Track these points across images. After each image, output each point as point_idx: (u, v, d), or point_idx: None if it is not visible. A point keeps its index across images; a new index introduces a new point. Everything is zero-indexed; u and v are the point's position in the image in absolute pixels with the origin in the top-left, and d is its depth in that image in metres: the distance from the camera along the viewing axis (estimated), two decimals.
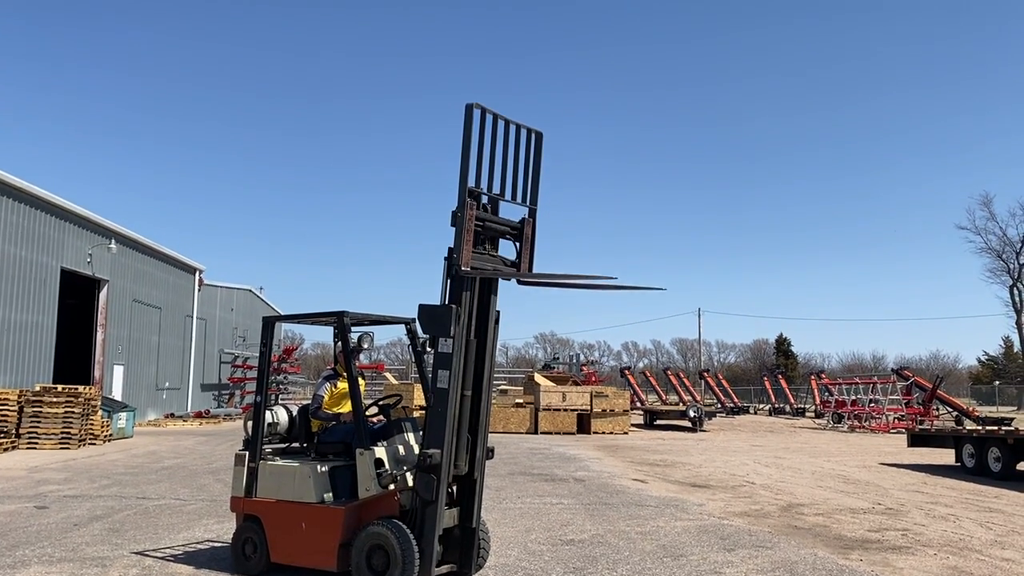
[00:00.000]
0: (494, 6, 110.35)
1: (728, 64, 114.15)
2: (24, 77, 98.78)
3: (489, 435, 6.43)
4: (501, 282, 6.31)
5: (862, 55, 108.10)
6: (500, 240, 6.38)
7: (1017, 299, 60.16)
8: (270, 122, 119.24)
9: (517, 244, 6.39)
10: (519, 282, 6.36)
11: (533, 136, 6.28)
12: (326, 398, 7.12)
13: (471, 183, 5.82)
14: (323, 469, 6.54)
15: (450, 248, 5.90)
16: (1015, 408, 51.69)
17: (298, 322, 8.22)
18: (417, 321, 6.11)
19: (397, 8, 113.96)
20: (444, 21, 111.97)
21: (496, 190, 6.06)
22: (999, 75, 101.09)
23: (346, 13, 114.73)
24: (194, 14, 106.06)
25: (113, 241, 26.66)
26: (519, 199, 6.26)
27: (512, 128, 6.10)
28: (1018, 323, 60.28)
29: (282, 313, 46.86)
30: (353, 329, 6.84)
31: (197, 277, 36.63)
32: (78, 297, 27.80)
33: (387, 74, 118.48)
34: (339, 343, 6.90)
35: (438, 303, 5.92)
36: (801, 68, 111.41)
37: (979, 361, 75.31)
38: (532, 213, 6.37)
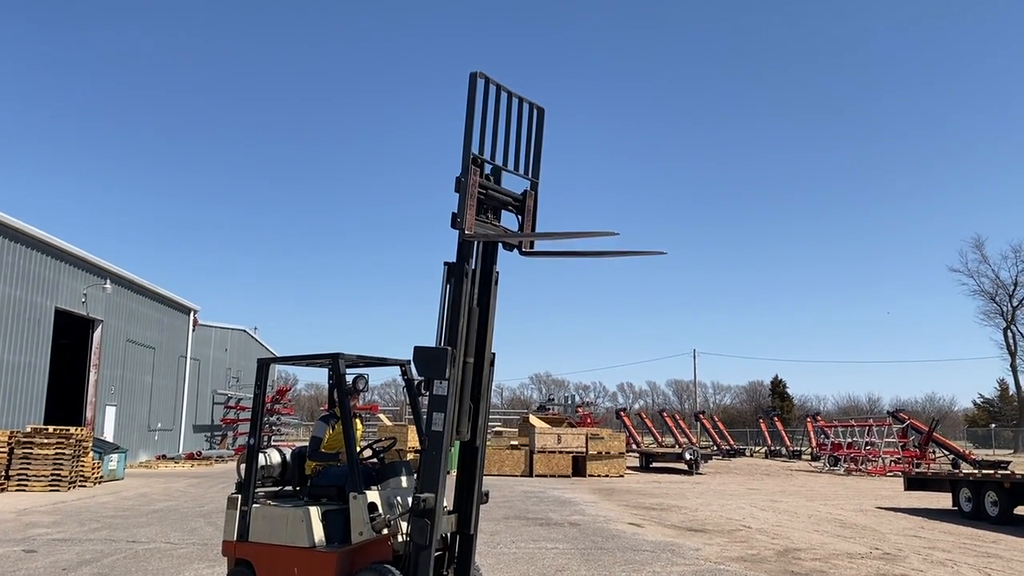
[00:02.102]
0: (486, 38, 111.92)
1: (722, 102, 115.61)
2: (18, 119, 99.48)
3: (484, 478, 6.40)
4: (500, 286, 6.36)
5: (854, 99, 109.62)
6: (503, 212, 6.44)
7: (1011, 342, 60.29)
8: (264, 164, 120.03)
9: (519, 217, 6.47)
10: (521, 252, 6.40)
11: (535, 110, 6.38)
12: (325, 439, 7.09)
13: (474, 150, 5.90)
14: (316, 513, 6.48)
15: (454, 213, 5.93)
16: (1012, 451, 51.47)
17: (293, 364, 8.21)
18: (412, 363, 6.10)
19: (384, 44, 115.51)
20: (440, 54, 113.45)
21: (499, 160, 6.15)
22: (989, 119, 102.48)
23: (337, 49, 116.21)
24: (181, 62, 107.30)
25: (108, 281, 26.67)
26: (521, 170, 6.34)
27: (515, 101, 6.20)
28: (1013, 366, 60.37)
29: (277, 354, 46.82)
30: (348, 371, 6.82)
31: (192, 317, 36.57)
32: (72, 337, 27.70)
33: (379, 111, 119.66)
34: (334, 385, 6.88)
35: (433, 345, 5.93)
36: (795, 109, 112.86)
37: (975, 404, 75.21)
38: (534, 186, 6.45)
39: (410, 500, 6.00)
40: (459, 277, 5.93)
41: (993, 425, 60.84)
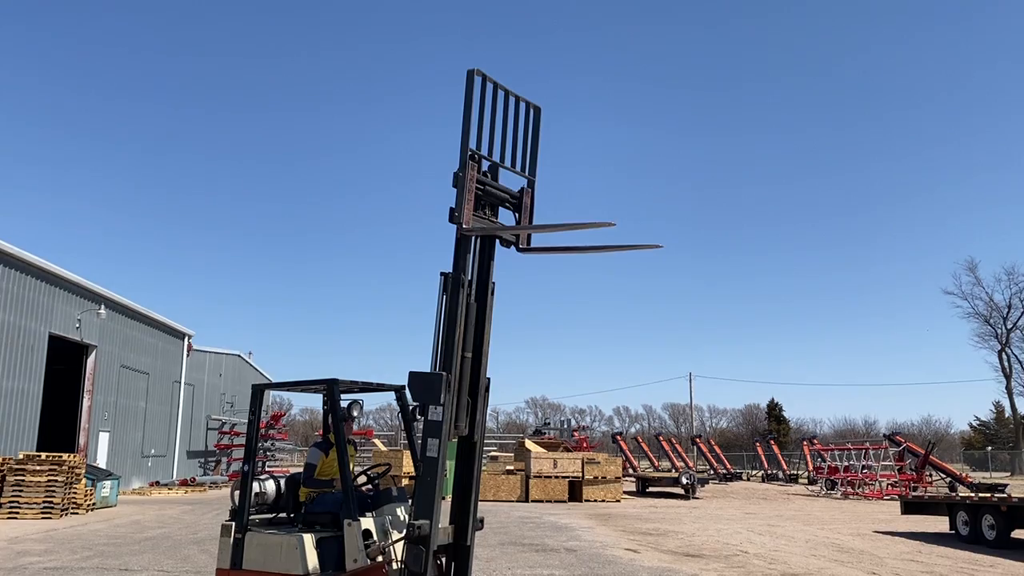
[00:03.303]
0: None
1: (719, 118, 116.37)
2: (9, 139, 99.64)
3: (479, 504, 6.37)
4: (498, 299, 6.39)
5: (852, 122, 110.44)
6: (500, 209, 6.50)
7: (1006, 364, 60.37)
8: (259, 187, 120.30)
9: (517, 214, 6.53)
10: (519, 249, 6.44)
11: (532, 109, 6.45)
12: (319, 466, 7.06)
13: (472, 146, 5.96)
14: (310, 540, 6.44)
15: (451, 208, 5.98)
16: (1008, 474, 51.38)
17: (288, 390, 8.19)
18: (407, 388, 6.10)
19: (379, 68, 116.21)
20: (438, 80, 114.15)
21: (496, 157, 6.22)
22: (982, 144, 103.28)
23: (333, 62, 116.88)
24: (173, 81, 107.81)
25: (102, 306, 26.61)
26: (518, 167, 6.41)
27: (512, 99, 6.28)
28: (1008, 388, 60.37)
29: (271, 379, 46.70)
30: (343, 396, 6.82)
31: (186, 342, 36.46)
32: (65, 363, 27.58)
33: (373, 134, 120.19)
34: (329, 411, 6.87)
35: (430, 360, 5.93)
36: (792, 129, 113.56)
37: (971, 426, 75.23)
38: (531, 184, 6.51)
39: (405, 527, 5.97)
40: (455, 285, 5.96)
41: (989, 448, 60.77)
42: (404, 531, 5.90)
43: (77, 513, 19.73)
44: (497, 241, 6.38)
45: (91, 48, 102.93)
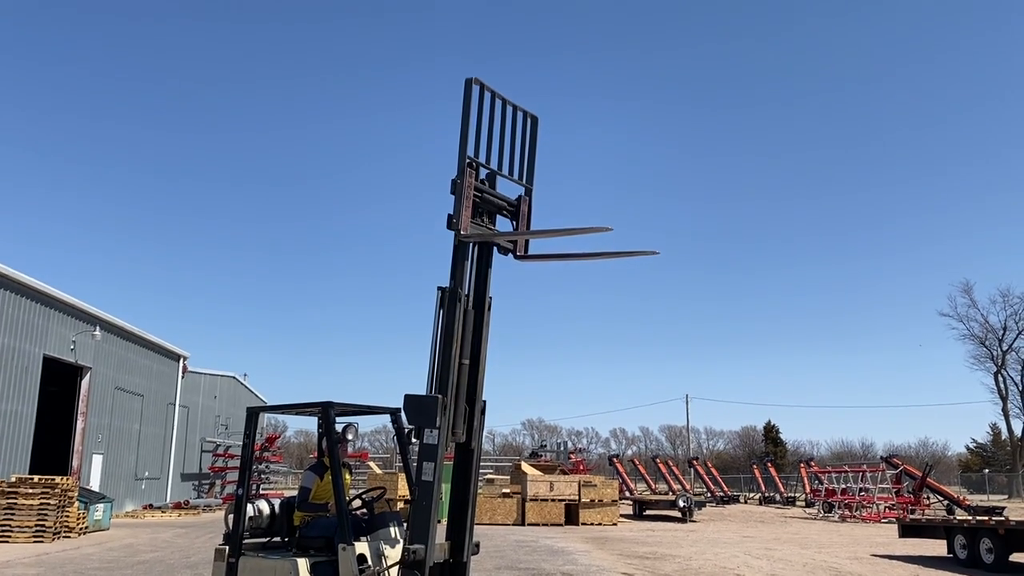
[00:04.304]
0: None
1: (718, 138, 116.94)
2: (6, 166, 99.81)
3: (475, 527, 6.32)
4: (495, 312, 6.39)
5: (847, 146, 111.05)
6: (498, 217, 6.54)
7: (1002, 386, 60.35)
8: (254, 208, 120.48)
9: (514, 222, 6.55)
10: (516, 256, 6.45)
11: (529, 119, 6.50)
12: (314, 490, 7.02)
13: (470, 153, 5.98)
14: (304, 565, 6.39)
15: (449, 215, 6.01)
16: (1006, 496, 51.17)
17: (283, 413, 8.17)
18: (402, 411, 6.09)
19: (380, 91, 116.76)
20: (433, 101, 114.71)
21: (494, 165, 6.27)
22: (977, 166, 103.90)
23: (330, 76, 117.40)
24: (165, 101, 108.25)
25: (98, 328, 26.53)
26: (516, 175, 6.46)
27: (509, 108, 6.32)
28: (1004, 410, 60.33)
29: (266, 400, 46.53)
30: (338, 419, 6.80)
31: (181, 364, 36.35)
32: (60, 384, 27.45)
33: (369, 155, 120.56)
34: (324, 434, 6.84)
35: (424, 393, 5.92)
36: (789, 150, 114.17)
37: (968, 448, 75.05)
38: (528, 192, 6.57)
39: (400, 552, 5.93)
40: (453, 292, 5.96)
41: (987, 470, 60.57)
42: (399, 556, 5.86)
43: (69, 537, 19.56)
44: (495, 249, 6.41)
45: (84, 68, 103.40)
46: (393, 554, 6.25)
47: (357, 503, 6.85)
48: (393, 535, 6.51)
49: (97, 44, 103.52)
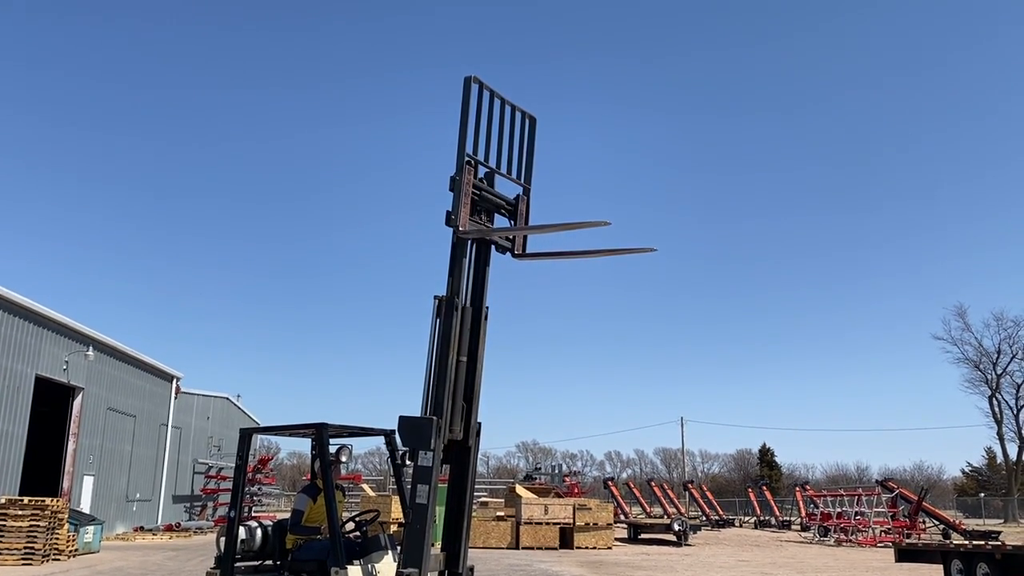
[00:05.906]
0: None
1: (715, 159, 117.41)
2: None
3: (469, 551, 6.26)
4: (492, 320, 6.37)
5: (844, 167, 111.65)
6: (496, 215, 6.54)
7: (997, 409, 60.32)
8: (249, 229, 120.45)
9: (512, 221, 6.56)
10: (514, 255, 6.42)
11: (527, 119, 6.49)
12: (306, 513, 6.94)
13: (468, 151, 5.97)
14: None
15: (448, 212, 6.00)
16: (1002, 520, 50.99)
17: (276, 434, 8.11)
18: (397, 433, 6.04)
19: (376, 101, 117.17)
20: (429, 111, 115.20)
21: (493, 163, 6.27)
22: (972, 190, 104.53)
23: (320, 102, 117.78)
24: (159, 118, 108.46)
25: (90, 348, 26.37)
26: (514, 175, 6.47)
27: (508, 108, 6.31)
28: (999, 434, 60.25)
29: (260, 422, 46.25)
30: (332, 441, 6.74)
31: (174, 385, 36.12)
32: (51, 405, 27.23)
33: (365, 170, 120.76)
34: (317, 456, 6.79)
35: (419, 415, 5.88)
36: (785, 168, 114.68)
37: (963, 472, 74.82)
38: (527, 192, 6.57)
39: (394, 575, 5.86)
40: (451, 293, 5.93)
41: (982, 494, 60.42)
42: None
43: (59, 559, 19.33)
44: (493, 249, 6.39)
45: (82, 82, 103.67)
46: None
47: (350, 526, 6.78)
48: (387, 558, 6.44)
49: (96, 54, 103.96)
